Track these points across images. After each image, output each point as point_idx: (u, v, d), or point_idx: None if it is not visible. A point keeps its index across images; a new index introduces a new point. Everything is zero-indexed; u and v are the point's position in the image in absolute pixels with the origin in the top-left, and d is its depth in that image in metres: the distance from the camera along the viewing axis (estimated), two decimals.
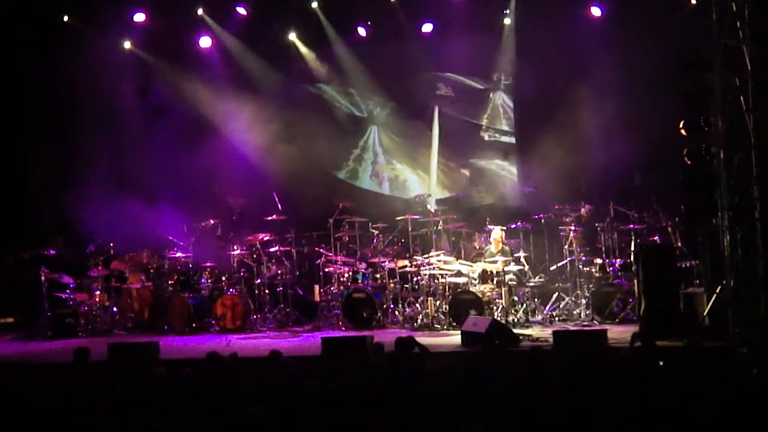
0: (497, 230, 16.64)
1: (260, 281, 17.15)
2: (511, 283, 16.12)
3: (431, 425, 8.05)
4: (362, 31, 19.50)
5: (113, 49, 19.19)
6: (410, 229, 17.03)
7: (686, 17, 16.67)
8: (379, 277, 16.99)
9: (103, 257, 17.52)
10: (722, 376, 8.81)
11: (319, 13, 19.27)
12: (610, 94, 17.38)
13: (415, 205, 17.71)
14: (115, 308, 17.49)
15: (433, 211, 17.23)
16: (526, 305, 16.20)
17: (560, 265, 16.69)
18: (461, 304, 15.73)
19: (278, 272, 17.23)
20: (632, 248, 15.41)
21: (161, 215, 17.70)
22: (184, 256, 17.56)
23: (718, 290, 13.30)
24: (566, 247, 16.56)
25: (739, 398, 8.10)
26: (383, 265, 16.83)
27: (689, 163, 13.48)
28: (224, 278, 17.29)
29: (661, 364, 9.49)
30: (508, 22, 18.82)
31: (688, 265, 15.07)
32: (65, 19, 19.10)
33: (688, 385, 8.54)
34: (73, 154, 19.37)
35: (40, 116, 19.62)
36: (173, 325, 16.89)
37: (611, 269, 16.10)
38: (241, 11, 19.25)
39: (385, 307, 16.56)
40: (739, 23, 13.31)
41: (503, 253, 16.33)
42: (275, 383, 9.27)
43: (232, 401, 8.70)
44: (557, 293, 16.54)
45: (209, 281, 17.33)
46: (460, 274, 16.31)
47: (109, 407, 8.80)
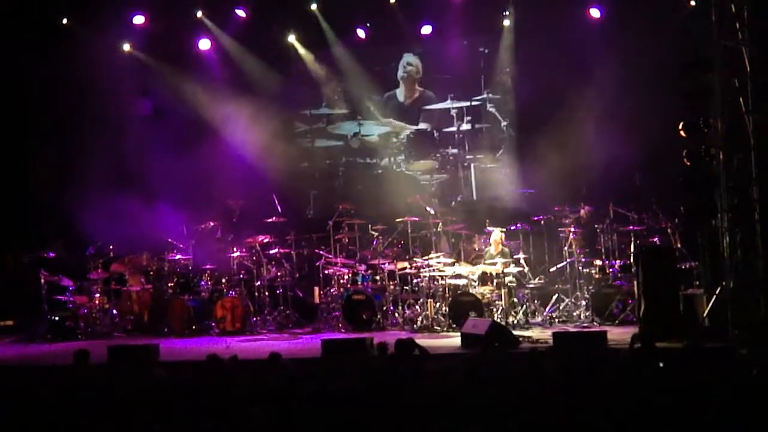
0: (497, 232, 16.63)
1: (260, 283, 17.14)
2: (510, 284, 16.12)
3: (431, 426, 8.05)
4: (361, 33, 19.51)
5: (113, 51, 19.21)
6: (410, 230, 17.02)
7: (686, 18, 16.67)
8: (378, 278, 16.98)
9: (102, 260, 17.53)
10: (722, 377, 8.80)
11: (318, 15, 19.29)
12: (609, 95, 17.36)
13: (415, 206, 17.69)
14: (114, 311, 17.49)
15: (432, 213, 17.21)
16: (525, 307, 16.20)
17: (560, 266, 16.69)
18: (461, 305, 15.72)
19: (278, 274, 17.23)
20: (632, 249, 15.44)
21: (161, 217, 17.72)
22: (183, 258, 17.56)
23: (717, 291, 13.30)
24: (566, 248, 16.56)
25: (739, 399, 8.10)
26: (383, 266, 16.83)
27: (689, 164, 13.49)
28: (224, 280, 17.28)
29: (661, 365, 9.49)
30: (507, 23, 18.82)
31: (687, 266, 15.07)
32: (64, 21, 19.12)
33: (688, 386, 8.54)
34: (73, 155, 19.35)
35: (40, 117, 19.62)
36: (173, 327, 16.88)
37: (611, 271, 16.10)
38: (240, 13, 19.26)
39: (384, 308, 16.55)
40: (738, 24, 13.31)
41: (503, 254, 16.33)
42: (275, 385, 9.27)
43: (231, 403, 8.70)
44: (557, 295, 16.54)
45: (209, 283, 17.32)
46: (459, 275, 16.31)
47: (108, 409, 8.80)
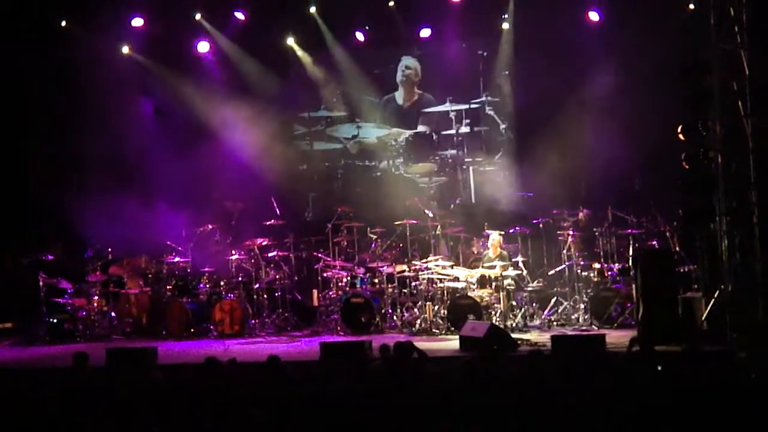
0: (495, 235, 16.63)
1: (259, 286, 17.13)
2: (509, 287, 16.11)
3: (430, 429, 8.05)
4: (360, 35, 19.52)
5: (112, 53, 19.23)
6: (408, 233, 17.00)
7: (684, 21, 16.68)
8: (377, 281, 16.97)
9: (101, 262, 17.52)
10: (720, 380, 8.80)
11: (317, 17, 19.30)
12: (608, 98, 17.41)
13: (413, 209, 17.68)
14: (113, 313, 17.48)
15: (431, 215, 17.21)
16: (524, 310, 16.20)
17: (558, 269, 16.68)
18: (460, 308, 15.72)
19: (277, 277, 17.22)
20: (630, 253, 15.43)
21: (159, 220, 17.72)
22: (182, 261, 17.56)
23: (716, 295, 13.31)
24: (564, 251, 16.56)
25: (737, 403, 8.10)
26: (381, 269, 16.82)
27: (687, 167, 13.49)
28: (222, 283, 17.27)
29: (659, 368, 9.49)
30: (506, 26, 18.83)
31: (686, 269, 15.08)
32: (63, 24, 19.11)
33: (686, 389, 8.54)
34: (72, 158, 19.36)
35: (39, 119, 19.59)
36: (171, 330, 16.87)
37: (609, 274, 16.10)
38: (239, 16, 19.29)
39: (383, 311, 16.55)
40: (737, 27, 13.32)
41: (501, 257, 16.33)
42: (273, 388, 9.26)
43: (230, 406, 8.70)
44: (555, 298, 16.54)
45: (208, 286, 17.32)
46: (458, 278, 16.31)
47: (107, 412, 8.80)
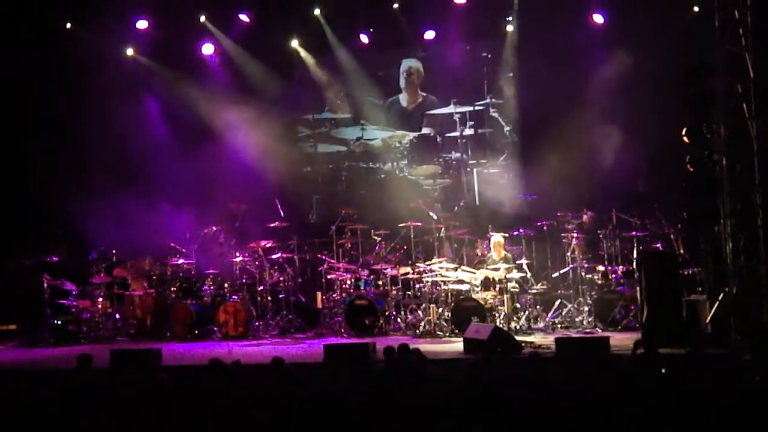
0: (497, 237, 16.63)
1: (262, 288, 17.14)
2: (513, 290, 16.11)
3: (433, 431, 8.06)
4: (364, 38, 19.53)
5: (116, 54, 19.27)
6: (412, 236, 17.01)
7: (689, 24, 16.66)
8: (381, 284, 16.97)
9: (105, 264, 17.55)
10: (724, 383, 8.79)
11: (321, 20, 19.33)
12: (612, 100, 17.40)
13: (417, 211, 17.68)
14: (117, 315, 17.51)
15: (435, 217, 17.21)
16: (528, 312, 16.19)
17: (563, 272, 16.68)
18: (463, 311, 15.72)
19: (280, 279, 17.23)
20: (635, 255, 15.41)
21: (164, 222, 17.73)
22: (186, 262, 17.58)
23: (720, 297, 13.28)
24: (568, 254, 16.55)
25: (741, 405, 8.09)
26: (385, 272, 16.83)
27: (692, 169, 13.47)
28: (227, 285, 17.29)
29: (663, 371, 9.48)
30: (510, 28, 18.84)
31: (690, 272, 15.06)
32: (68, 25, 19.16)
33: (690, 392, 8.53)
34: (75, 159, 19.38)
35: (42, 120, 19.62)
36: (175, 332, 16.89)
37: (614, 276, 16.10)
38: (243, 18, 19.32)
39: (387, 314, 16.55)
40: (741, 30, 13.31)
41: (505, 260, 16.33)
42: (277, 390, 9.27)
43: (234, 407, 8.70)
44: (560, 300, 16.53)
45: (212, 288, 17.33)
46: (462, 281, 16.31)
47: (111, 414, 8.80)
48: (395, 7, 19.05)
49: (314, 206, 20.05)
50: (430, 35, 19.33)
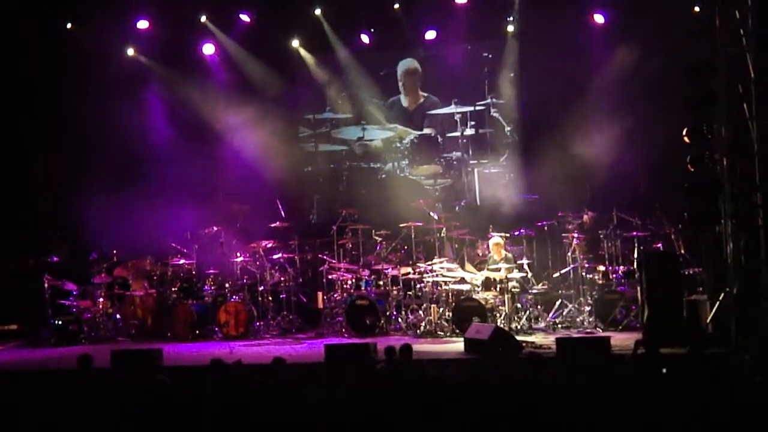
0: (497, 238, 16.63)
1: (263, 288, 17.13)
2: (514, 290, 16.10)
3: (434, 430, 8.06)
4: (365, 38, 19.54)
5: (117, 55, 19.26)
6: (413, 236, 17.01)
7: (690, 24, 16.64)
8: (382, 284, 16.98)
9: (106, 264, 17.54)
10: (725, 383, 8.79)
11: (322, 20, 19.33)
12: (613, 100, 17.40)
13: (418, 211, 17.68)
14: (118, 315, 17.50)
15: (436, 218, 17.22)
16: (529, 312, 16.19)
17: (563, 272, 16.68)
18: (464, 311, 15.72)
19: (281, 279, 17.24)
20: (635, 255, 15.42)
21: (164, 222, 17.72)
22: (187, 263, 17.59)
23: (721, 297, 13.27)
24: (569, 254, 16.55)
25: (741, 406, 8.09)
26: (386, 272, 16.83)
27: (692, 170, 13.45)
28: (227, 285, 17.30)
29: (664, 371, 9.49)
30: (511, 29, 18.85)
31: (691, 272, 15.06)
32: (68, 26, 19.17)
33: (691, 392, 8.53)
34: (76, 159, 19.36)
35: (43, 121, 19.59)
36: (176, 332, 16.89)
37: (614, 276, 16.10)
38: (244, 18, 19.32)
39: (388, 314, 16.55)
40: (742, 31, 13.29)
41: (506, 260, 16.32)
42: (278, 390, 9.27)
43: (235, 408, 8.70)
44: (560, 300, 16.53)
45: (212, 288, 17.34)
46: (463, 281, 16.31)
47: (112, 414, 8.81)
48: (396, 7, 19.05)
49: (315, 206, 20.07)
50: (431, 35, 19.33)
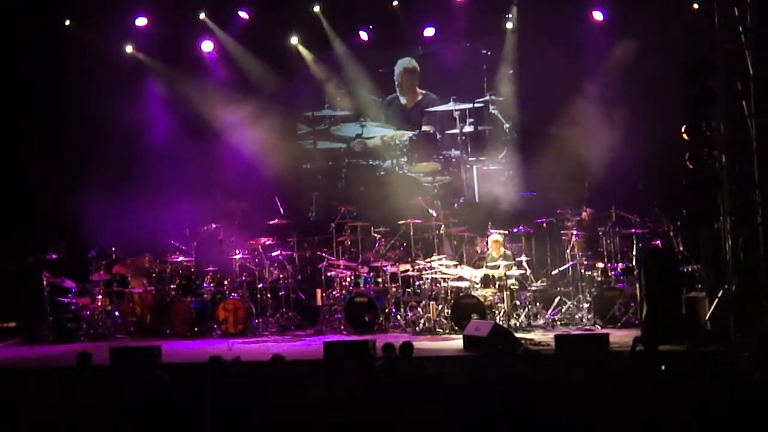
0: (495, 236, 16.63)
1: (262, 285, 17.12)
2: (513, 287, 16.11)
3: (433, 429, 8.06)
4: (364, 35, 19.53)
5: (115, 52, 19.24)
6: (412, 233, 17.01)
7: (689, 21, 16.64)
8: (381, 281, 16.98)
9: (104, 261, 17.52)
10: (724, 380, 8.79)
11: (320, 17, 19.32)
12: (611, 97, 17.40)
13: (417, 209, 17.68)
14: (117, 312, 17.49)
15: (435, 215, 17.22)
16: (528, 309, 16.20)
17: (562, 269, 16.68)
18: (463, 308, 15.73)
19: (280, 276, 17.24)
20: (634, 252, 15.43)
21: (163, 219, 17.72)
22: (186, 260, 17.57)
23: (720, 294, 13.29)
24: (568, 251, 16.56)
25: (740, 403, 8.09)
26: (385, 269, 16.83)
27: (691, 167, 13.46)
28: (226, 282, 17.30)
29: (663, 368, 9.49)
30: (510, 25, 18.84)
31: (690, 269, 15.07)
32: (67, 23, 19.16)
33: (689, 389, 8.53)
34: (74, 157, 19.35)
35: (41, 118, 19.57)
36: (175, 329, 16.89)
37: (613, 273, 16.10)
38: (243, 15, 19.31)
39: (387, 311, 16.55)
40: (741, 28, 13.30)
41: (505, 257, 16.32)
42: (277, 387, 9.26)
43: (233, 405, 8.70)
44: (559, 297, 16.53)
45: (211, 285, 17.33)
46: (462, 278, 16.32)
47: (111, 411, 8.80)
48: (395, 4, 19.04)
49: (314, 203, 20.05)
50: (429, 32, 19.32)
